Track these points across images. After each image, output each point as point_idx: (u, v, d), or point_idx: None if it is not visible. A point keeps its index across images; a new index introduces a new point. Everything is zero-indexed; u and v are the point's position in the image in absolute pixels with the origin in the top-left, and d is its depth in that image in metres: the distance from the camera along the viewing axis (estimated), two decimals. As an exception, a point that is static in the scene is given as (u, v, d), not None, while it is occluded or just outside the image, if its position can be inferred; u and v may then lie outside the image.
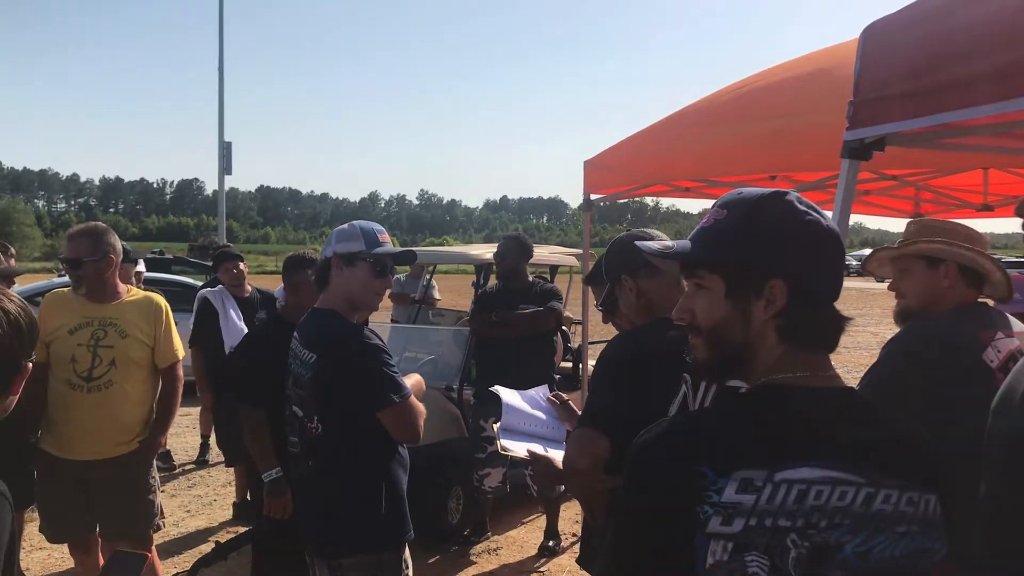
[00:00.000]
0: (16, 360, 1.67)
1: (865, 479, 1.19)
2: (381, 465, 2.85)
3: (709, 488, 1.16)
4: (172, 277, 11.51)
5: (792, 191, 1.33)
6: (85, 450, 3.67)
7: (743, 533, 1.16)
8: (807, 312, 1.28)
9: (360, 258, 2.87)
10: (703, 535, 1.16)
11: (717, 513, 1.16)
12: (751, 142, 4.23)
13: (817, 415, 1.24)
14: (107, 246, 3.71)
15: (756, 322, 1.30)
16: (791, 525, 1.16)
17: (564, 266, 7.89)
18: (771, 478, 1.17)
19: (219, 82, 24.09)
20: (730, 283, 1.32)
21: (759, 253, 1.29)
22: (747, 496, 1.16)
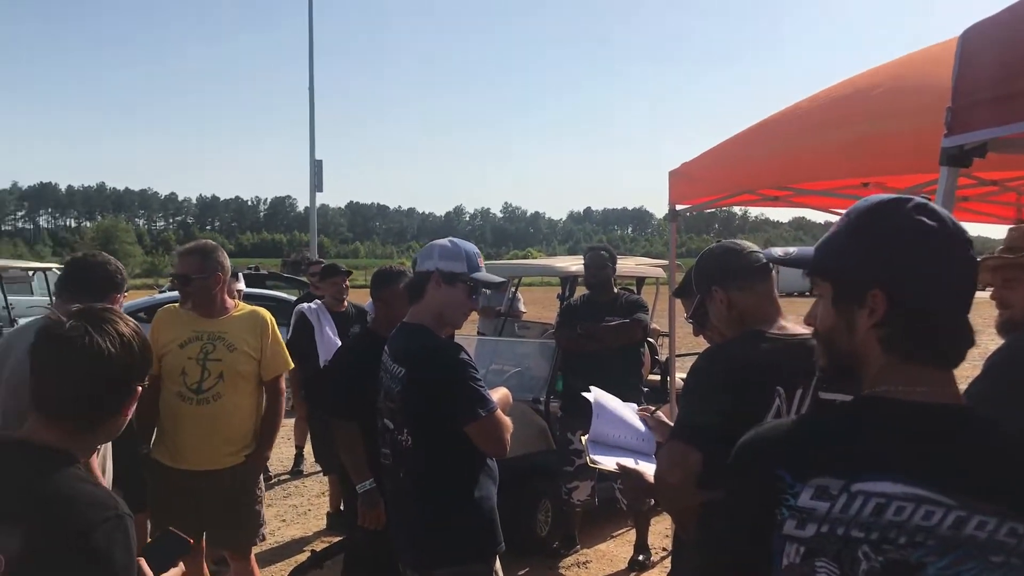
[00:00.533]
0: (129, 383, 1.75)
1: (956, 501, 1.15)
2: (471, 477, 2.87)
3: (787, 491, 1.22)
4: (267, 292, 11.88)
5: (918, 197, 1.30)
6: (194, 460, 3.80)
7: (815, 539, 1.20)
8: (911, 323, 1.25)
9: (460, 279, 2.91)
10: (780, 536, 1.22)
11: (792, 516, 1.21)
12: (841, 147, 4.13)
13: (909, 431, 1.22)
14: (215, 263, 3.85)
15: (860, 331, 1.29)
16: (864, 537, 1.17)
17: (650, 277, 7.83)
18: (847, 488, 1.19)
19: (310, 102, 24.72)
20: (836, 291, 1.33)
21: (860, 262, 1.29)
22: (821, 503, 1.20)
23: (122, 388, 1.74)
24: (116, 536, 1.56)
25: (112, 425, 1.76)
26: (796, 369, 2.17)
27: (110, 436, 1.80)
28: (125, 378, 1.74)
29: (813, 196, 5.32)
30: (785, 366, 2.18)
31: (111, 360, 1.69)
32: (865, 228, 1.30)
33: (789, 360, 2.19)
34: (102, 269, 3.34)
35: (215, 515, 3.89)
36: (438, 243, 3.00)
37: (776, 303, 2.38)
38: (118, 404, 1.74)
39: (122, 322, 1.76)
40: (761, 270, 2.37)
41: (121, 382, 1.74)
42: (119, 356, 1.71)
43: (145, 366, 1.79)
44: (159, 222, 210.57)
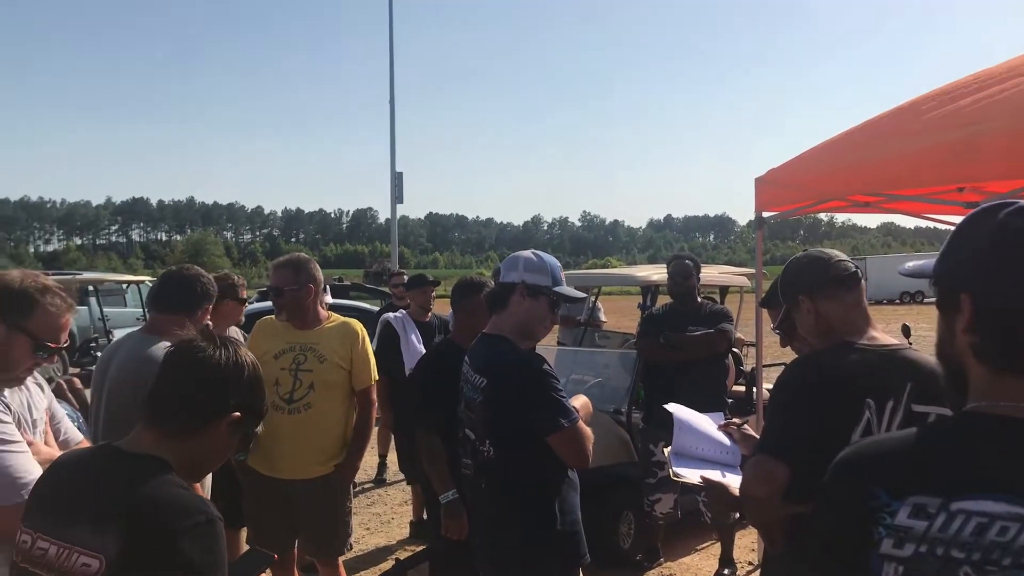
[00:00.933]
0: (227, 399, 1.81)
1: None
2: (553, 489, 2.86)
3: (883, 510, 1.19)
4: (350, 303, 12.09)
5: (1020, 202, 1.23)
6: (286, 469, 3.88)
7: (913, 558, 1.16)
8: (999, 331, 1.20)
9: (544, 292, 2.91)
10: (877, 556, 1.19)
11: (890, 535, 1.18)
12: (935, 152, 4.01)
13: (1011, 448, 1.16)
14: (307, 276, 3.94)
15: (958, 339, 1.25)
16: (965, 557, 1.13)
17: (734, 286, 7.70)
18: (946, 507, 1.15)
19: (390, 116, 25.12)
20: (937, 297, 1.30)
21: (952, 266, 1.27)
22: (919, 522, 1.16)
23: (220, 402, 1.79)
24: (206, 540, 1.60)
25: (208, 440, 1.79)
26: (887, 381, 2.12)
27: (207, 455, 1.83)
28: (225, 394, 1.80)
29: (904, 202, 5.17)
30: (875, 378, 2.13)
31: (217, 370, 1.78)
32: (960, 233, 1.28)
33: (879, 371, 2.14)
34: (195, 281, 3.44)
35: (306, 523, 3.97)
36: (522, 255, 3.00)
37: (866, 313, 2.32)
38: (212, 414, 1.78)
39: (244, 352, 1.87)
40: (849, 279, 2.32)
41: (220, 396, 1.79)
42: (227, 372, 1.80)
43: (250, 396, 1.85)
44: (246, 235, 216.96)
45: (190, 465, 1.77)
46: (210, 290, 3.44)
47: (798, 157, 5.29)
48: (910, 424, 1.99)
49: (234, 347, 1.85)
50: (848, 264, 2.36)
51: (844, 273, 2.32)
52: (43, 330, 2.28)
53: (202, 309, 3.41)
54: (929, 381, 2.05)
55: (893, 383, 2.10)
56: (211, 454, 1.84)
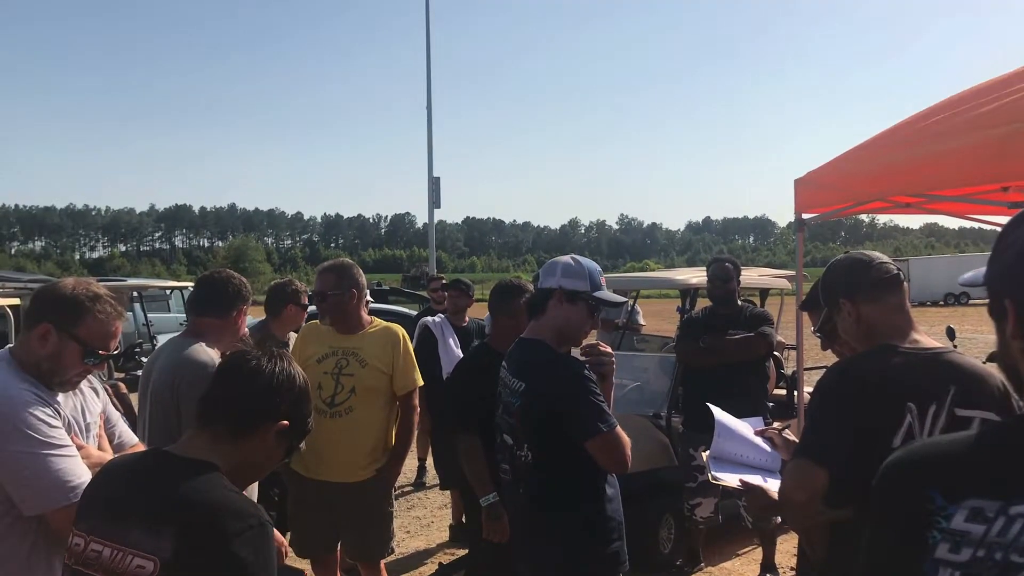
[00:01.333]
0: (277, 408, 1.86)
1: None
2: (592, 494, 2.85)
3: (938, 514, 1.16)
4: (389, 307, 12.17)
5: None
6: (328, 472, 3.93)
7: (970, 563, 1.13)
8: None
9: (582, 297, 2.91)
10: (932, 561, 1.16)
11: (945, 540, 1.15)
12: (978, 151, 3.93)
13: None
14: (351, 280, 4.00)
15: (1009, 343, 1.24)
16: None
17: (775, 289, 7.63)
18: (1005, 510, 1.12)
19: (427, 121, 25.27)
20: (989, 303, 1.28)
21: (997, 271, 1.26)
22: (976, 526, 1.13)
23: (271, 408, 1.84)
24: (258, 544, 1.63)
25: (257, 445, 1.83)
26: (930, 384, 2.09)
27: (255, 462, 1.87)
28: (276, 401, 1.85)
29: (947, 202, 5.09)
30: (918, 381, 2.10)
31: (271, 378, 1.84)
32: (1003, 237, 1.26)
33: (922, 375, 2.12)
34: (227, 284, 3.50)
35: (348, 526, 4.01)
36: (561, 260, 3.00)
37: (908, 316, 2.29)
38: (263, 419, 1.83)
39: (296, 366, 1.94)
40: (891, 281, 2.29)
41: (272, 402, 1.84)
42: (279, 380, 1.86)
43: (299, 407, 1.90)
44: (286, 240, 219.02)
45: (239, 470, 1.80)
46: (242, 291, 3.48)
47: (837, 158, 5.23)
48: (954, 428, 1.97)
49: (288, 360, 1.92)
50: (890, 266, 2.33)
51: (886, 275, 2.30)
52: (93, 337, 2.34)
53: (236, 310, 3.44)
54: (973, 385, 2.04)
55: (936, 387, 2.08)
56: (259, 460, 1.88)
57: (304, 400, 1.92)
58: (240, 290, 3.49)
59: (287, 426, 1.85)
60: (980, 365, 2.19)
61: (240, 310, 3.46)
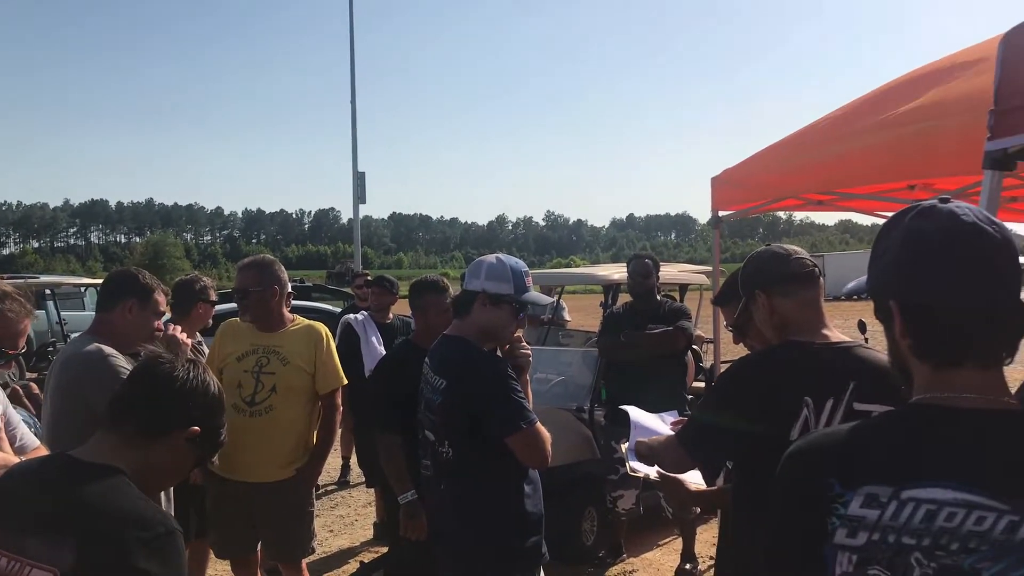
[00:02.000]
0: (188, 412, 1.81)
1: (1009, 506, 1.14)
2: (512, 488, 2.88)
3: (836, 500, 1.22)
4: (312, 304, 12.00)
5: (927, 201, 1.29)
6: (248, 472, 3.86)
7: (866, 547, 1.20)
8: (921, 329, 1.26)
9: (507, 301, 2.92)
10: (831, 546, 1.22)
11: (843, 525, 1.21)
12: (885, 150, 4.07)
13: (957, 436, 1.21)
14: (272, 277, 3.93)
15: (898, 343, 1.30)
16: (916, 544, 1.17)
17: (694, 284, 7.79)
18: (897, 495, 1.19)
19: (352, 115, 24.94)
20: (874, 307, 1.34)
21: (874, 276, 1.33)
22: (871, 511, 1.20)
23: (182, 413, 1.80)
24: (166, 553, 1.58)
25: (166, 451, 1.79)
26: (829, 379, 2.14)
27: (164, 468, 1.82)
28: (187, 406, 1.80)
29: (858, 200, 5.26)
30: (817, 376, 2.15)
31: (183, 382, 1.80)
32: (878, 242, 1.32)
33: (823, 370, 2.16)
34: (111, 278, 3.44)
35: (268, 526, 3.95)
36: (486, 261, 3.01)
37: (820, 311, 2.34)
38: (173, 423, 1.79)
39: (211, 375, 1.89)
40: (806, 276, 2.34)
41: (183, 407, 1.80)
42: (192, 386, 1.81)
43: (211, 415, 1.86)
44: (206, 236, 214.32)
45: (147, 477, 1.74)
46: (124, 287, 3.35)
47: (753, 156, 5.36)
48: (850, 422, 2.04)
49: (203, 367, 1.88)
50: (807, 261, 2.37)
51: (801, 270, 2.33)
52: (0, 335, 2.27)
53: (119, 306, 3.32)
54: (874, 379, 2.09)
55: (835, 382, 2.13)
56: (168, 467, 1.82)
57: (217, 409, 1.88)
58: (121, 285, 3.35)
59: (198, 432, 1.80)
60: (885, 359, 2.26)
61: (124, 305, 3.31)
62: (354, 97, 24.94)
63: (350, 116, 24.94)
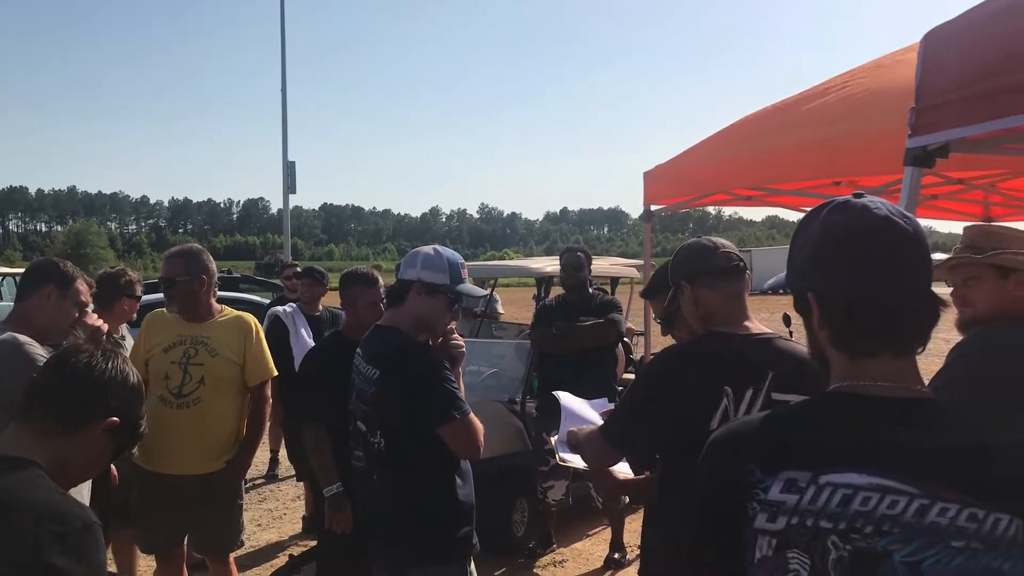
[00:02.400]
0: (106, 403, 1.76)
1: (919, 490, 1.18)
2: (444, 479, 2.88)
3: (757, 486, 1.24)
4: (239, 296, 11.78)
5: (842, 197, 1.32)
6: (174, 465, 3.78)
7: (785, 531, 1.22)
8: (838, 320, 1.29)
9: (442, 291, 2.92)
10: (751, 530, 1.25)
11: (764, 510, 1.24)
12: (812, 148, 4.17)
13: (871, 423, 1.24)
14: (199, 267, 3.85)
15: (817, 335, 1.34)
16: (832, 527, 1.20)
17: (625, 278, 7.87)
18: (815, 480, 1.22)
19: (282, 103, 24.55)
20: (794, 300, 1.37)
21: (793, 269, 1.36)
22: (791, 496, 1.22)
23: (99, 403, 1.74)
24: (82, 549, 1.53)
25: (83, 443, 1.73)
26: (749, 369, 2.18)
27: (81, 461, 1.76)
28: (105, 396, 1.75)
29: (786, 195, 5.38)
30: (738, 366, 2.19)
31: (101, 373, 1.75)
32: (796, 237, 1.36)
33: (743, 361, 2.20)
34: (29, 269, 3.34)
35: (196, 519, 3.88)
36: (422, 251, 2.99)
37: (743, 304, 2.37)
38: (90, 414, 1.73)
39: (131, 365, 1.85)
40: (731, 270, 2.37)
41: (100, 398, 1.75)
42: (110, 376, 1.76)
43: (130, 406, 1.81)
44: (131, 225, 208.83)
45: (63, 470, 1.69)
46: (43, 273, 3.25)
47: (684, 152, 5.45)
48: None
49: (122, 358, 1.83)
50: (733, 255, 2.40)
51: (727, 264, 2.37)
52: None
53: (37, 293, 3.21)
54: (792, 370, 2.13)
55: (755, 372, 2.16)
56: (85, 460, 1.76)
57: (137, 400, 1.83)
58: (44, 271, 3.24)
59: (117, 423, 1.75)
60: (804, 351, 2.31)
61: (44, 291, 3.21)
62: (284, 84, 24.56)
63: (280, 104, 24.52)
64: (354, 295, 3.99)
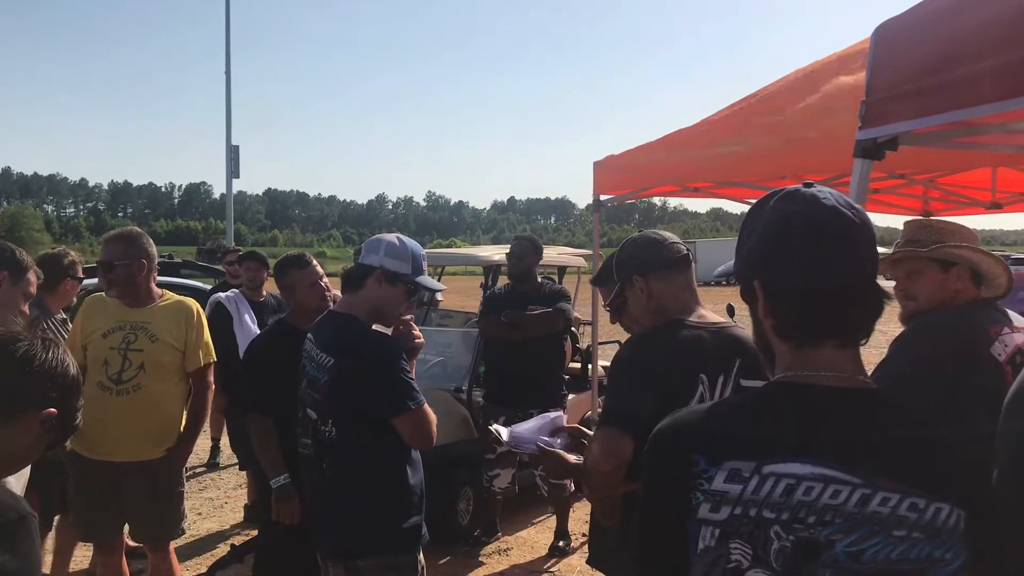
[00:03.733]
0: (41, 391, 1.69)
1: (862, 480, 1.19)
2: (396, 468, 2.86)
3: (701, 476, 1.24)
4: (181, 281, 11.51)
5: (791, 186, 1.32)
6: (113, 452, 3.71)
7: (728, 521, 1.22)
8: (783, 309, 1.29)
9: (403, 280, 2.88)
10: (695, 520, 1.24)
11: (707, 500, 1.23)
12: (762, 153, 4.26)
13: (814, 412, 1.25)
14: (139, 250, 3.76)
15: (762, 323, 1.34)
16: (775, 517, 1.20)
17: (572, 267, 7.89)
18: (758, 470, 1.22)
19: (226, 85, 24.17)
20: (740, 288, 1.37)
21: (740, 259, 1.36)
22: (734, 486, 1.22)
23: (38, 392, 1.68)
24: (17, 540, 1.48)
25: (18, 432, 1.66)
26: (718, 356, 2.21)
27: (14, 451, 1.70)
28: (45, 386, 1.69)
29: (735, 189, 5.45)
30: (707, 353, 2.22)
31: (42, 362, 1.68)
32: (744, 225, 1.36)
33: (711, 347, 2.23)
34: None
35: (135, 508, 3.81)
36: (386, 239, 2.94)
37: (695, 293, 2.42)
38: (27, 403, 1.66)
39: (70, 356, 1.78)
40: (681, 261, 2.40)
41: (39, 386, 1.68)
42: (51, 366, 1.70)
43: (68, 398, 1.74)
44: (68, 208, 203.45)
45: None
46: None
47: (634, 150, 5.48)
48: None
49: (63, 348, 1.77)
50: (680, 246, 2.44)
51: (676, 255, 2.40)
52: None
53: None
54: (755, 357, 2.14)
55: (724, 359, 2.20)
56: (19, 450, 1.69)
57: (75, 392, 1.76)
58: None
59: (54, 415, 1.69)
60: None
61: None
62: (229, 67, 24.16)
63: (224, 86, 24.10)
64: (292, 280, 3.87)
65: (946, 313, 2.53)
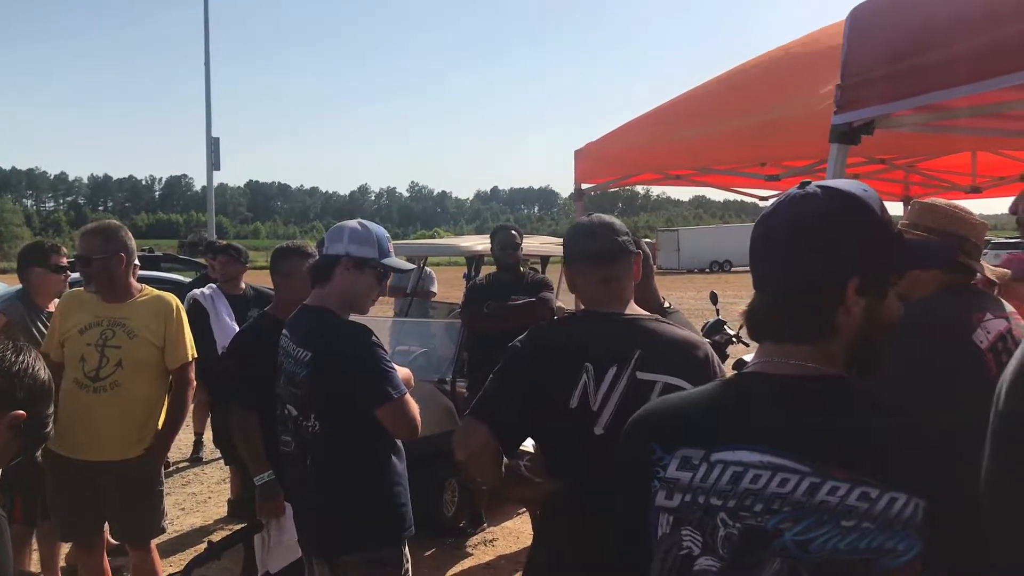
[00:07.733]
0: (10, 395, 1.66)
1: (811, 468, 1.18)
2: (380, 461, 2.84)
3: (657, 464, 1.28)
4: (162, 275, 11.44)
5: (776, 194, 1.34)
6: (92, 451, 3.66)
7: (681, 508, 1.25)
8: (753, 303, 1.33)
9: (370, 265, 2.86)
10: (654, 508, 1.28)
11: (663, 488, 1.27)
12: (741, 134, 4.25)
13: (765, 401, 1.26)
14: (118, 244, 3.70)
15: None
16: (722, 504, 1.21)
17: (555, 256, 7.87)
18: (707, 457, 1.24)
19: (206, 77, 23.94)
20: None
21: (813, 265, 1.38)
22: (685, 473, 1.25)
23: (6, 395, 1.65)
24: None
25: None
26: (612, 347, 2.16)
27: None
28: (13, 388, 1.66)
29: (714, 175, 5.45)
30: (599, 344, 2.17)
31: (10, 364, 1.66)
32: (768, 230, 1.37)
33: (605, 339, 2.18)
34: None
35: (115, 506, 3.77)
36: (348, 225, 2.92)
37: (613, 290, 2.28)
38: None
39: (42, 363, 1.76)
40: (594, 255, 2.28)
41: (8, 389, 1.65)
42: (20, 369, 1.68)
43: (38, 402, 1.72)
44: (48, 203, 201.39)
45: None
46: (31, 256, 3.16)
47: (614, 132, 5.46)
48: (635, 390, 2.07)
49: (35, 354, 1.75)
50: (608, 240, 2.28)
51: (589, 249, 2.29)
52: None
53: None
54: (659, 351, 2.13)
55: (619, 350, 2.14)
56: None
57: (46, 398, 1.74)
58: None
59: (23, 417, 1.66)
60: (681, 334, 2.23)
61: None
62: (208, 57, 23.96)
63: (204, 78, 23.89)
64: (291, 268, 3.78)
65: (923, 300, 2.48)
